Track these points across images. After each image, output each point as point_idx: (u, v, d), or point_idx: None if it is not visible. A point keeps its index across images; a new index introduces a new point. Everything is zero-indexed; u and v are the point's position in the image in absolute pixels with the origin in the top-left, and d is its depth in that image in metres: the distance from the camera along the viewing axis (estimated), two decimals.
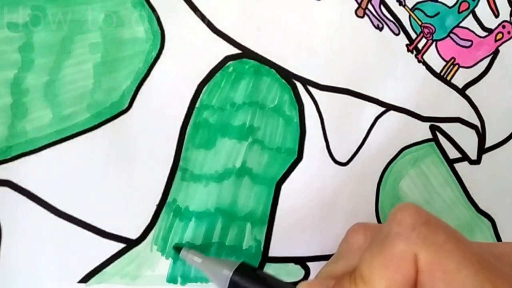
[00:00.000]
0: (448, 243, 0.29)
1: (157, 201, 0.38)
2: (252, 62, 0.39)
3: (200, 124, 0.38)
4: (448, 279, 0.28)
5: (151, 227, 0.37)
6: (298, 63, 0.40)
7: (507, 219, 0.48)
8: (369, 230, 0.36)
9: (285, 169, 0.41)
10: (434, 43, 0.43)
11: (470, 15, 0.43)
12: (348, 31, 0.41)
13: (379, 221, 0.44)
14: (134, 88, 0.37)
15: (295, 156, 0.41)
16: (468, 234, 0.47)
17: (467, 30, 0.43)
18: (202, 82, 0.38)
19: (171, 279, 0.38)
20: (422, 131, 0.44)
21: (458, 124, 0.45)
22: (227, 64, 0.39)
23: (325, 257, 0.41)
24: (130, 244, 0.37)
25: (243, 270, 0.35)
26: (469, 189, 0.47)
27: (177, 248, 0.38)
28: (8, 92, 0.35)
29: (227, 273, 0.35)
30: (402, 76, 0.43)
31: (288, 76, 0.40)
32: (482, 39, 0.44)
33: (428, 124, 0.44)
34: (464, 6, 0.43)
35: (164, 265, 0.38)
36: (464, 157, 0.46)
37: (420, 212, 0.31)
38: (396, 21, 0.42)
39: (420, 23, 0.42)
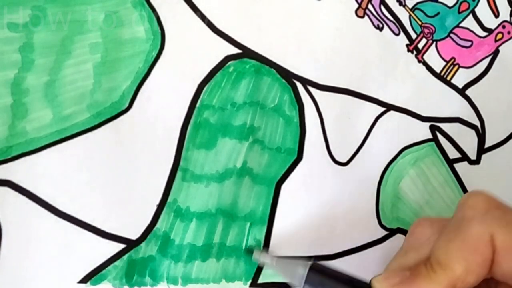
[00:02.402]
0: None
1: (157, 202, 0.37)
2: (253, 62, 0.39)
3: (201, 124, 0.38)
4: None
5: (151, 227, 0.37)
6: (298, 63, 0.40)
7: None
8: (436, 223, 0.36)
9: (285, 169, 0.41)
10: (434, 43, 0.43)
11: (470, 15, 0.43)
12: (348, 31, 0.41)
13: (379, 221, 0.44)
14: (134, 88, 0.37)
15: (295, 156, 0.41)
16: None
17: (467, 30, 0.43)
18: (202, 82, 0.38)
19: (172, 280, 0.38)
20: (422, 131, 0.44)
21: (458, 124, 0.45)
22: (227, 64, 0.39)
23: (325, 257, 0.41)
24: (130, 244, 0.37)
25: (316, 268, 0.36)
26: (469, 189, 0.47)
27: (249, 251, 0.39)
28: (9, 92, 0.35)
29: (302, 271, 0.36)
30: (402, 76, 0.43)
31: (288, 76, 0.40)
32: (482, 39, 0.44)
33: (428, 124, 0.44)
34: (464, 6, 0.43)
35: (164, 266, 0.38)
36: (464, 157, 0.46)
37: (490, 197, 0.32)
38: (396, 21, 0.42)
39: (420, 23, 0.42)
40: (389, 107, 0.43)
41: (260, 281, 0.40)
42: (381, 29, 0.42)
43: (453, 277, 0.30)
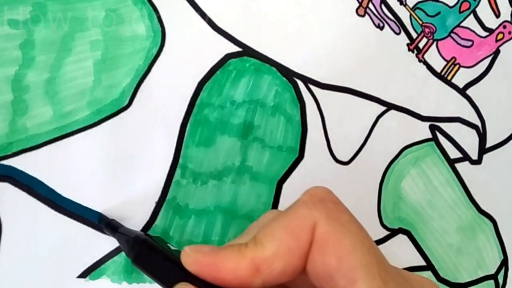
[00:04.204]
0: (351, 224, 0.28)
1: (156, 199, 0.38)
2: (253, 60, 0.39)
3: (200, 121, 0.38)
4: (341, 255, 0.27)
5: (150, 224, 0.37)
6: (299, 62, 0.40)
7: (508, 220, 0.48)
8: None
9: (286, 168, 0.41)
10: (435, 42, 0.43)
11: (471, 15, 0.43)
12: (349, 30, 0.41)
13: (381, 221, 0.44)
14: (134, 86, 0.37)
15: (297, 155, 0.41)
16: (470, 235, 0.47)
17: (468, 30, 0.43)
18: (202, 79, 0.38)
19: None
20: (423, 130, 0.44)
21: (458, 124, 0.45)
22: (227, 62, 0.39)
23: None
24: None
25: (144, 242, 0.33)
26: (470, 189, 0.47)
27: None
28: (9, 89, 0.35)
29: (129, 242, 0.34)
30: (402, 76, 0.43)
31: (289, 75, 0.40)
32: (483, 39, 0.44)
33: (428, 123, 0.44)
34: (465, 6, 0.43)
35: None
36: (465, 157, 0.46)
37: (331, 192, 0.30)
38: (397, 20, 0.42)
39: (421, 22, 0.42)
40: (390, 106, 0.43)
41: None
42: (381, 28, 0.42)
43: (260, 255, 0.27)
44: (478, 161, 0.46)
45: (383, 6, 0.42)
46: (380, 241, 0.44)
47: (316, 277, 0.28)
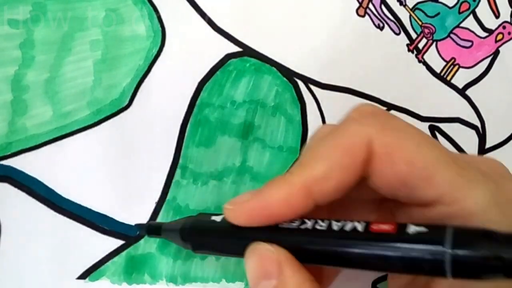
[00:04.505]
0: (409, 127, 0.28)
1: (156, 199, 0.37)
2: (253, 60, 0.39)
3: (200, 122, 0.38)
4: (409, 159, 0.26)
5: None
6: (299, 62, 0.40)
7: None
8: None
9: (287, 168, 0.41)
10: (435, 43, 0.43)
11: (471, 16, 0.43)
12: (349, 30, 0.41)
13: None
14: (134, 86, 0.37)
15: (297, 155, 0.41)
16: None
17: (467, 31, 0.43)
18: (202, 80, 0.38)
19: (171, 278, 0.38)
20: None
21: (458, 125, 0.45)
22: (227, 62, 0.39)
23: None
24: (129, 241, 0.37)
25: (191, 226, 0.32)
26: None
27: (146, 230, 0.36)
28: (9, 88, 0.35)
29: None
30: (402, 76, 0.43)
31: (289, 75, 0.40)
32: (482, 39, 0.44)
33: (427, 124, 0.44)
34: (464, 6, 0.43)
35: (163, 263, 0.37)
36: None
37: (378, 106, 0.29)
38: (397, 20, 0.42)
39: (420, 23, 0.42)
40: (389, 106, 0.43)
41: None
42: (381, 28, 0.42)
43: (310, 177, 0.26)
44: None
45: (383, 7, 0.42)
46: None
47: (386, 189, 0.28)
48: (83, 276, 0.36)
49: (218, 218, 0.30)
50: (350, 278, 0.37)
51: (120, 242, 0.37)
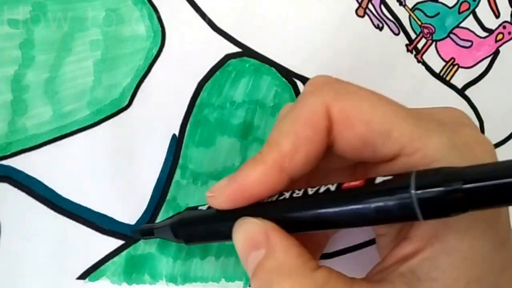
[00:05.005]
0: (363, 90, 0.29)
1: (156, 199, 0.37)
2: (253, 60, 0.39)
3: (200, 122, 0.38)
4: (366, 119, 0.28)
5: None
6: (299, 62, 0.40)
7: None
8: None
9: None
10: (434, 43, 0.43)
11: (471, 15, 0.43)
12: (348, 30, 0.41)
13: None
14: (134, 86, 0.37)
15: None
16: None
17: (467, 31, 0.43)
18: (202, 80, 0.38)
19: (171, 278, 0.38)
20: None
21: None
22: (227, 63, 0.39)
23: (323, 256, 0.41)
24: (129, 241, 0.37)
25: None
26: None
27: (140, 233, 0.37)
28: (9, 88, 0.35)
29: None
30: (401, 76, 0.43)
31: (288, 75, 0.40)
32: (482, 39, 0.44)
33: None
34: (464, 6, 0.43)
35: (163, 263, 0.38)
36: None
37: (330, 76, 0.30)
38: (396, 21, 0.42)
39: (420, 23, 0.42)
40: None
41: None
42: (381, 28, 0.42)
43: (279, 153, 0.28)
44: None
45: (382, 7, 0.42)
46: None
47: (350, 152, 0.29)
48: (83, 276, 0.36)
49: (203, 208, 0.32)
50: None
51: (120, 242, 0.37)
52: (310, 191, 0.28)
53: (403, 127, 0.27)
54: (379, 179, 0.26)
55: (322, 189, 0.27)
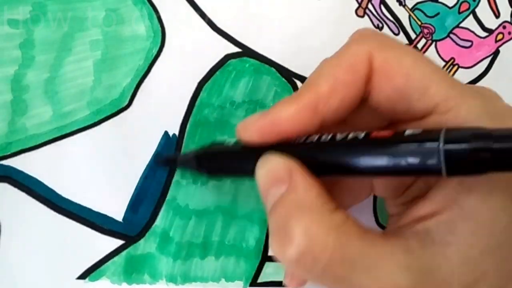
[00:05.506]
0: (406, 46, 0.30)
1: (156, 199, 0.37)
2: (252, 60, 0.39)
3: (200, 122, 0.38)
4: (406, 72, 0.28)
5: (150, 224, 0.37)
6: (298, 62, 0.40)
7: None
8: None
9: None
10: (434, 43, 0.43)
11: (471, 15, 0.43)
12: (348, 30, 0.41)
13: (377, 220, 0.44)
14: (134, 86, 0.37)
15: None
16: None
17: (467, 31, 0.43)
18: (202, 80, 0.38)
19: (171, 278, 0.38)
20: None
21: None
22: (227, 63, 0.39)
23: None
24: (129, 241, 0.37)
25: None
26: None
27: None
28: (9, 88, 0.35)
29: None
30: None
31: (288, 75, 0.40)
32: (482, 39, 0.44)
33: None
34: (464, 6, 0.43)
35: (163, 263, 0.38)
36: None
37: (377, 30, 0.32)
38: (396, 21, 0.42)
39: (419, 23, 0.42)
40: None
41: (260, 280, 0.40)
42: (381, 28, 0.42)
43: (315, 95, 0.28)
44: None
45: (382, 7, 0.42)
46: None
47: (385, 104, 0.29)
48: (83, 276, 0.36)
49: (231, 142, 0.32)
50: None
51: (120, 242, 0.37)
52: (339, 136, 0.27)
53: (440, 86, 0.27)
54: (408, 132, 0.26)
55: (351, 135, 0.27)
